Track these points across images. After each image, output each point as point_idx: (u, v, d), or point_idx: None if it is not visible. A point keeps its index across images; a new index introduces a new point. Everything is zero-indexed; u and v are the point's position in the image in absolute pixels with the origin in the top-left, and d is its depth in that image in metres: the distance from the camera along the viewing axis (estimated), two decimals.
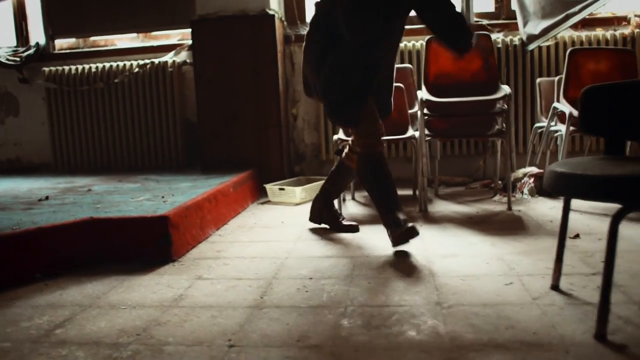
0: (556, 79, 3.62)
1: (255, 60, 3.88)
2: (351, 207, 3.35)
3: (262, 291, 1.88)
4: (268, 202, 3.61)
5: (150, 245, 2.33)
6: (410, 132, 3.31)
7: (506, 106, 3.04)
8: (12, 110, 4.59)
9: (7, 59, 4.44)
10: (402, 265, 2.11)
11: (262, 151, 3.95)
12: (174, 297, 1.86)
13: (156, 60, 4.22)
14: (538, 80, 3.85)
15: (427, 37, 3.75)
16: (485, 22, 4.10)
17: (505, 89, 3.05)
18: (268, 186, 3.67)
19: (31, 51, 4.43)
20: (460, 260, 2.15)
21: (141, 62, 4.23)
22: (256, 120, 3.94)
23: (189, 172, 3.93)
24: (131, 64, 4.24)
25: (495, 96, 3.08)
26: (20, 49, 4.51)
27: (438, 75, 3.32)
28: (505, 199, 3.17)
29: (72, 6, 4.38)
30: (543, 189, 3.34)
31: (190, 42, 4.18)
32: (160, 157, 4.27)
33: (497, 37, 4.00)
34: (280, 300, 1.79)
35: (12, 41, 4.59)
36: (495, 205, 3.19)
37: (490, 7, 4.18)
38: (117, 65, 4.25)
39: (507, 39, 3.98)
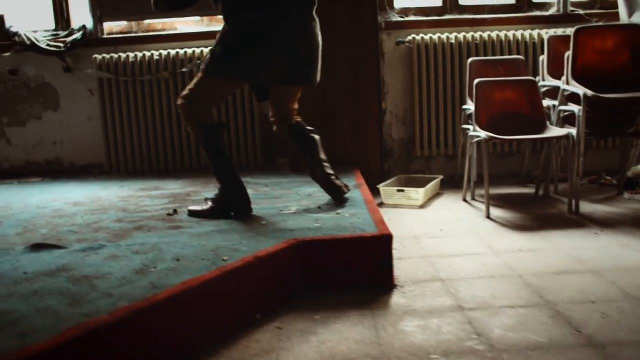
0: None
1: (353, 47, 3.52)
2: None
3: (565, 322, 1.58)
4: (380, 204, 3.30)
5: (368, 269, 1.98)
6: (557, 129, 3.07)
7: None
8: (50, 104, 3.99)
9: (48, 44, 3.83)
10: None
11: (360, 148, 3.62)
12: (470, 338, 1.54)
13: None
14: None
15: (554, 29, 3.57)
16: (581, 11, 3.92)
17: None
18: (382, 187, 3.35)
19: (77, 35, 3.84)
20: None
21: None
22: (354, 115, 3.60)
23: (282, 173, 3.55)
24: (201, 51, 3.76)
25: None
26: (62, 33, 3.91)
27: (583, 68, 3.11)
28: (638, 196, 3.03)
29: None
30: None
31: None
32: (235, 155, 3.84)
33: None
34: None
35: (50, 23, 3.98)
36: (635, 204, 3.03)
37: None
38: (185, 52, 3.76)
39: None
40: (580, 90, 2.92)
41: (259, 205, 2.52)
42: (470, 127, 3.40)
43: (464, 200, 3.39)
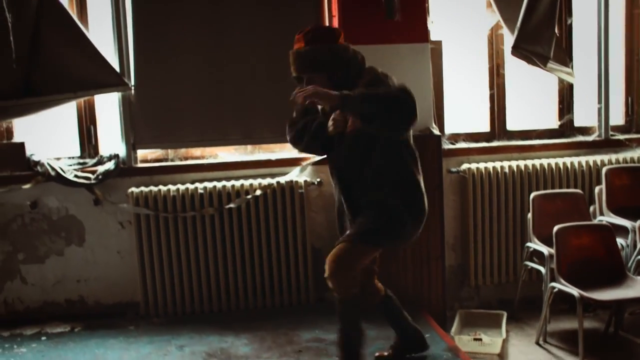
0: None
1: None
2: None
3: None
4: None
5: None
6: None
7: None
8: (74, 239, 3.59)
9: (76, 176, 3.47)
10: None
11: (423, 288, 3.47)
12: None
13: (282, 180, 3.54)
14: None
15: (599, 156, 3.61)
16: (620, 136, 3.99)
17: None
18: (457, 336, 3.21)
19: (110, 165, 3.49)
20: None
21: (263, 181, 3.52)
22: (416, 254, 3.45)
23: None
24: (250, 184, 3.51)
25: None
26: (90, 162, 3.55)
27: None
28: None
29: (162, 109, 3.54)
30: None
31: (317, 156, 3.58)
32: (286, 294, 3.58)
33: (636, 153, 3.91)
34: None
35: (75, 150, 3.62)
36: None
37: (619, 120, 4.09)
38: (232, 186, 3.50)
39: None
40: None
41: None
42: (538, 267, 3.38)
43: (537, 343, 3.30)
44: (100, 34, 3.52)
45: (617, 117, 4.06)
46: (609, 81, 3.93)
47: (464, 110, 3.87)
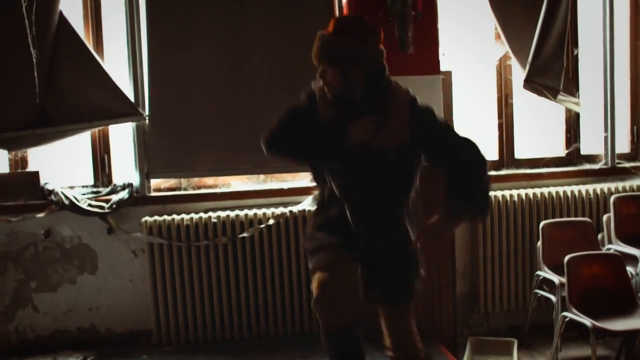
0: None
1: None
2: None
3: None
4: None
5: None
6: None
7: None
8: (87, 267, 3.61)
9: (90, 205, 3.49)
10: None
11: (434, 316, 3.49)
12: None
13: (294, 209, 3.57)
14: None
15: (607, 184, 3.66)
16: (626, 164, 4.05)
17: None
18: None
19: (124, 195, 3.52)
20: None
21: (276, 210, 3.55)
22: (427, 282, 3.46)
23: None
24: (263, 214, 3.54)
25: None
26: (103, 190, 3.58)
27: None
28: None
29: (176, 138, 3.57)
30: None
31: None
32: (298, 323, 3.59)
33: None
34: None
35: (88, 179, 3.64)
36: None
37: (625, 148, 4.15)
38: (246, 215, 3.52)
39: None
40: None
41: None
42: (549, 295, 3.40)
43: None
44: (116, 64, 3.57)
45: (623, 145, 4.13)
46: (614, 110, 4.00)
47: (473, 139, 3.91)
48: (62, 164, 3.66)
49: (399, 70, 3.33)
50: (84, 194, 3.56)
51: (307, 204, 3.61)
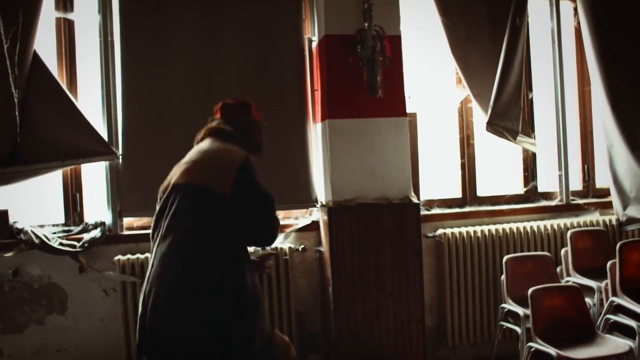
0: None
1: (397, 250, 3.56)
2: None
3: None
4: None
5: None
6: (613, 340, 3.24)
7: None
8: (56, 307, 3.55)
9: (61, 244, 3.46)
10: None
11: (405, 349, 3.57)
12: None
13: (267, 247, 3.61)
14: None
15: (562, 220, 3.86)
16: (579, 200, 4.29)
17: None
18: None
19: (96, 233, 3.51)
20: None
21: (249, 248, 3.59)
22: (398, 317, 3.58)
23: None
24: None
25: None
26: (75, 229, 3.56)
27: (628, 280, 3.37)
28: None
29: (149, 177, 3.55)
30: None
31: (300, 223, 3.74)
32: None
33: (594, 216, 4.21)
34: None
35: (59, 217, 3.62)
36: None
37: (578, 186, 4.40)
38: None
39: (605, 218, 4.20)
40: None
41: None
42: (513, 327, 3.53)
43: None
44: (90, 103, 3.60)
45: (576, 183, 4.38)
46: (567, 150, 4.26)
47: (437, 178, 4.10)
48: (32, 202, 3.62)
49: (368, 113, 3.53)
50: (55, 233, 3.52)
51: (279, 241, 3.68)
